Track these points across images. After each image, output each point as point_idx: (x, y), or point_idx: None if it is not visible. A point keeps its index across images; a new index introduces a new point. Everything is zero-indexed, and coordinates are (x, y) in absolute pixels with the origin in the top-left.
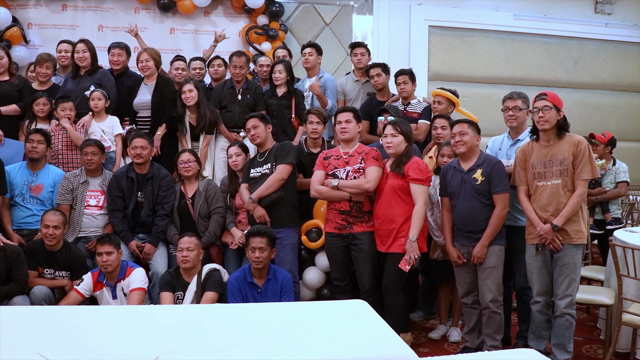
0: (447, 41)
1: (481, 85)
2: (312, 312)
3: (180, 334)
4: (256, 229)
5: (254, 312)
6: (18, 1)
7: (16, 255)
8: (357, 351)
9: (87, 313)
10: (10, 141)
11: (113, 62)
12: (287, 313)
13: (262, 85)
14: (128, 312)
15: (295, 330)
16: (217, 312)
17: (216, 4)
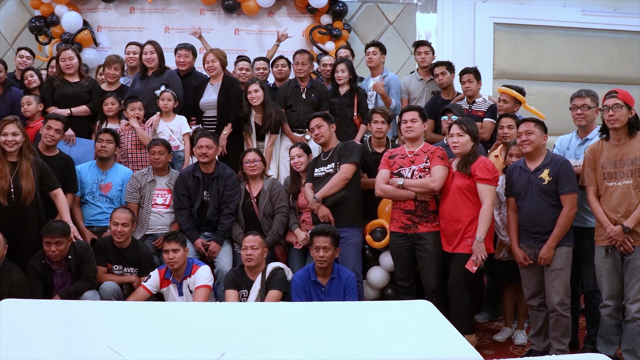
0: (512, 38)
1: (548, 83)
2: (376, 312)
3: (245, 332)
4: (320, 228)
5: (317, 310)
6: (88, 5)
7: (85, 251)
8: (422, 352)
9: (154, 309)
10: (82, 140)
11: (179, 62)
12: (351, 312)
13: (326, 85)
14: (194, 309)
15: (359, 330)
16: (281, 311)
17: (280, 4)
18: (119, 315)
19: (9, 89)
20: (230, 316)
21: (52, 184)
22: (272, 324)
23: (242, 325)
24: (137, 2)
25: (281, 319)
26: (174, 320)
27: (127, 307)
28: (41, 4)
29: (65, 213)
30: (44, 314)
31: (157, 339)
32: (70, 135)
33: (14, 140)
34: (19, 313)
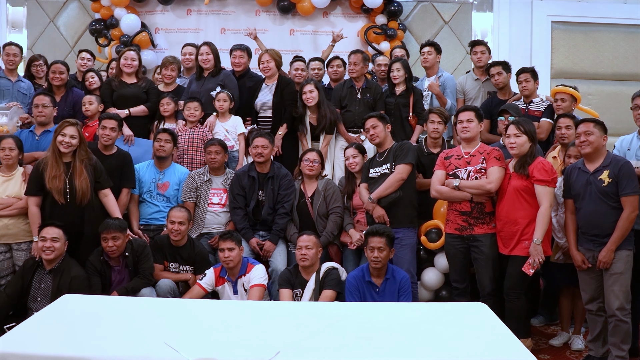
0: (571, 37)
1: (608, 83)
2: (431, 313)
3: (299, 331)
4: (375, 229)
5: (371, 311)
6: (146, 8)
7: (142, 249)
8: (477, 355)
9: (210, 307)
10: (140, 140)
11: (235, 63)
12: (405, 313)
13: (381, 85)
14: (249, 307)
15: (413, 331)
16: (335, 310)
17: (335, 5)
18: (175, 312)
19: (70, 90)
20: (285, 315)
21: (103, 183)
22: (326, 323)
23: (297, 324)
24: (194, 4)
25: (335, 318)
26: (229, 318)
27: (183, 304)
28: (101, 7)
29: (116, 213)
30: (103, 309)
31: (212, 337)
32: (129, 135)
33: (70, 142)
34: (78, 308)
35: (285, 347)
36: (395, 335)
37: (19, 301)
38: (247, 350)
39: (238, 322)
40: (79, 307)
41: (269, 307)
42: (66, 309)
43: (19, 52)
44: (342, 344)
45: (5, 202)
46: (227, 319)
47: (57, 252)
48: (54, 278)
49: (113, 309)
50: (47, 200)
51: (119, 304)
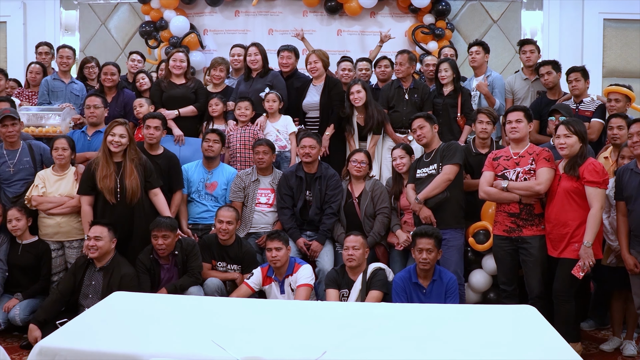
0: (624, 35)
1: None
2: (478, 316)
3: (345, 331)
4: (423, 230)
5: (418, 312)
6: (195, 9)
7: (191, 247)
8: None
9: (257, 306)
10: (190, 139)
11: (282, 64)
12: (452, 315)
13: (429, 85)
14: (296, 307)
15: (460, 333)
16: (382, 311)
17: (382, 5)
18: (223, 311)
19: (121, 91)
20: (331, 315)
21: (153, 182)
22: (373, 324)
23: (343, 324)
24: (242, 5)
25: (381, 319)
26: (276, 317)
27: (230, 303)
28: (151, 9)
29: (166, 212)
30: (152, 306)
31: (259, 335)
32: (179, 135)
33: (119, 141)
34: (128, 305)
35: (332, 347)
36: (442, 337)
37: (70, 298)
38: (293, 349)
39: (285, 321)
40: (129, 304)
41: (315, 307)
42: (116, 306)
43: (72, 54)
44: (388, 345)
45: (58, 200)
46: (273, 319)
47: (101, 251)
48: (104, 276)
49: (162, 307)
50: (98, 200)
51: (167, 302)
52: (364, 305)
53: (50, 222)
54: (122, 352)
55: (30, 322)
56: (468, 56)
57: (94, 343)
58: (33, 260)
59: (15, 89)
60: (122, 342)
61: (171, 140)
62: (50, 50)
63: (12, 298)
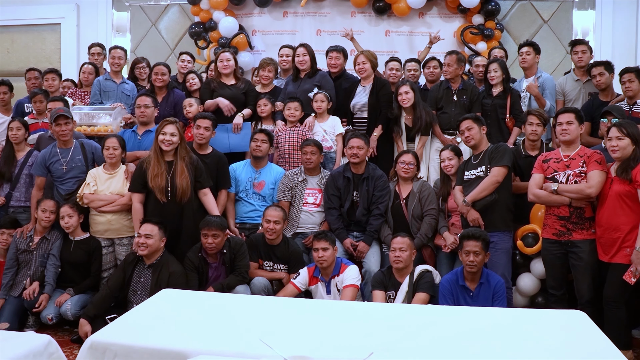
0: None
1: None
2: (526, 320)
3: (392, 332)
4: (471, 232)
5: (465, 315)
6: (244, 10)
7: (239, 246)
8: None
9: (303, 306)
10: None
11: (331, 65)
12: (500, 318)
13: (478, 86)
14: (341, 308)
15: (507, 337)
16: (429, 313)
17: (431, 5)
18: (269, 310)
19: (172, 91)
20: (378, 317)
21: (203, 182)
22: (420, 326)
23: (390, 326)
24: (290, 6)
25: (428, 321)
26: (322, 317)
27: (277, 302)
28: (200, 10)
29: (215, 211)
30: (200, 304)
31: (306, 335)
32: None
33: (170, 140)
34: (176, 302)
35: (378, 348)
36: (489, 340)
37: (120, 294)
38: (340, 350)
39: (331, 322)
40: (177, 301)
41: (361, 308)
42: (165, 303)
43: (124, 55)
44: (435, 347)
45: (109, 198)
46: (320, 319)
47: (151, 249)
48: (153, 273)
49: (209, 305)
50: (149, 198)
51: (215, 300)
52: (411, 307)
53: (101, 219)
54: (170, 349)
55: (80, 317)
56: (518, 57)
57: (143, 339)
58: (84, 257)
59: (69, 88)
60: (170, 339)
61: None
62: (103, 51)
63: (63, 293)
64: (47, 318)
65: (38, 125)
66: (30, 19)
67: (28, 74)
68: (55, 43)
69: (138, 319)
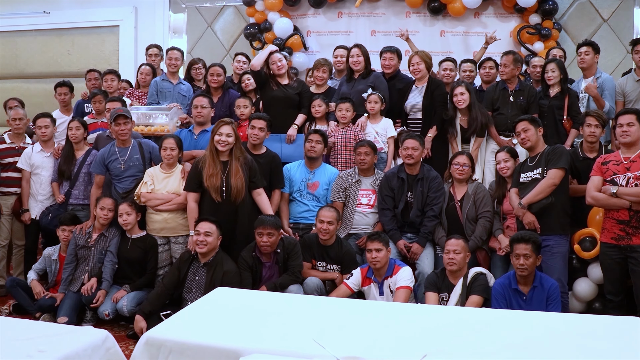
0: None
1: None
2: (582, 326)
3: (445, 335)
4: (520, 235)
5: (519, 319)
6: (299, 11)
7: (293, 246)
8: None
9: (356, 306)
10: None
11: (385, 65)
12: (554, 323)
13: (535, 87)
14: (394, 309)
15: (562, 343)
16: (482, 317)
17: (486, 5)
18: (322, 310)
19: (227, 92)
20: (431, 319)
21: (257, 182)
22: (473, 329)
23: (443, 328)
24: (345, 6)
25: (482, 325)
26: (375, 319)
27: (330, 302)
28: (256, 11)
29: (269, 211)
30: (253, 303)
31: (358, 336)
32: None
33: (226, 141)
34: (230, 301)
35: (431, 350)
36: (544, 345)
37: (174, 291)
38: (393, 351)
39: (384, 323)
40: (231, 300)
41: (414, 309)
42: (219, 301)
43: (181, 56)
44: (488, 351)
45: (165, 197)
46: (373, 320)
47: (210, 247)
48: (207, 271)
49: (263, 304)
50: (204, 197)
51: (268, 299)
52: (464, 310)
53: (157, 217)
54: (224, 347)
55: (136, 313)
56: (576, 57)
57: (198, 336)
58: (141, 254)
59: (127, 89)
60: (224, 337)
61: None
62: (160, 52)
63: (120, 289)
64: (104, 313)
65: (97, 125)
66: (90, 22)
67: (88, 75)
68: (113, 45)
69: (193, 316)
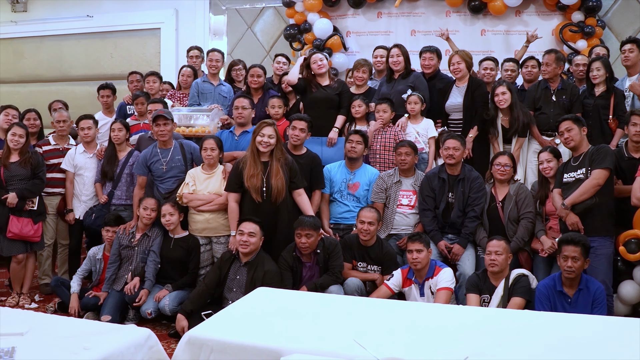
0: None
1: None
2: (628, 329)
3: (487, 337)
4: (570, 237)
5: (563, 322)
6: (338, 12)
7: (333, 247)
8: None
9: (397, 307)
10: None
11: (425, 65)
12: (599, 326)
13: (578, 86)
14: (435, 310)
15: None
16: (525, 319)
17: (528, 3)
18: (363, 310)
19: (267, 92)
20: (472, 320)
21: (298, 183)
22: (515, 331)
23: (485, 330)
24: (384, 6)
25: (524, 327)
26: (416, 320)
27: (370, 303)
28: (295, 12)
29: (309, 212)
30: (294, 303)
31: (399, 337)
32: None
33: (268, 142)
34: (271, 300)
35: (473, 352)
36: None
37: (216, 290)
38: (434, 352)
39: (425, 324)
40: (272, 300)
41: (455, 311)
42: (260, 301)
43: (221, 57)
44: (532, 354)
45: (207, 198)
46: (413, 321)
47: (253, 247)
48: (248, 271)
49: (303, 304)
50: (245, 198)
51: (309, 300)
52: (506, 312)
53: (199, 218)
54: (265, 346)
55: (178, 312)
56: (620, 55)
57: (239, 335)
58: (183, 254)
59: (168, 91)
60: (265, 337)
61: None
62: (201, 54)
63: (162, 289)
64: (146, 312)
65: (139, 127)
66: (132, 25)
67: (130, 77)
68: (155, 47)
69: (234, 316)
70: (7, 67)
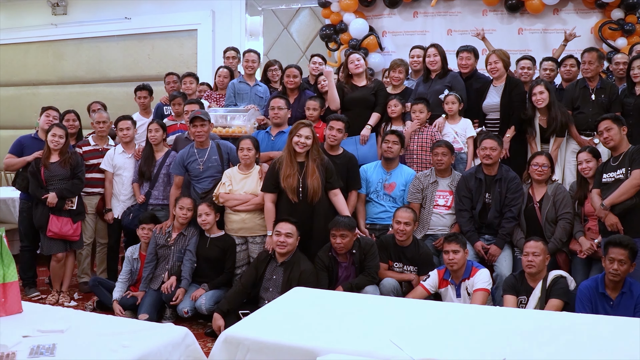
0: None
1: None
2: None
3: (525, 339)
4: (618, 239)
5: (604, 325)
6: (374, 12)
7: (369, 247)
8: None
9: (433, 308)
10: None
11: (461, 65)
12: None
13: (618, 85)
14: (472, 312)
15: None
16: (563, 321)
17: (566, 1)
18: (399, 311)
19: (303, 93)
20: (510, 322)
21: (333, 183)
22: (553, 334)
23: (522, 332)
24: (420, 6)
25: (563, 329)
26: (453, 321)
27: (406, 304)
28: (331, 13)
29: (345, 212)
30: (330, 303)
31: (436, 338)
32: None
33: (305, 142)
34: (307, 300)
35: (510, 354)
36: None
37: (252, 290)
38: (470, 353)
39: (461, 325)
40: (308, 299)
41: (492, 312)
42: (296, 301)
43: (257, 58)
44: (570, 356)
45: (243, 198)
46: (450, 322)
47: (290, 247)
48: (284, 271)
49: (339, 304)
50: (281, 198)
51: (344, 300)
52: (544, 314)
53: (235, 218)
54: (301, 346)
55: (214, 312)
56: None
57: (275, 335)
58: (219, 254)
59: (205, 91)
60: (301, 336)
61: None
62: (237, 55)
63: (199, 288)
64: (183, 311)
65: (176, 127)
66: (169, 26)
67: (167, 78)
68: (192, 48)
69: (270, 315)
70: (48, 69)
